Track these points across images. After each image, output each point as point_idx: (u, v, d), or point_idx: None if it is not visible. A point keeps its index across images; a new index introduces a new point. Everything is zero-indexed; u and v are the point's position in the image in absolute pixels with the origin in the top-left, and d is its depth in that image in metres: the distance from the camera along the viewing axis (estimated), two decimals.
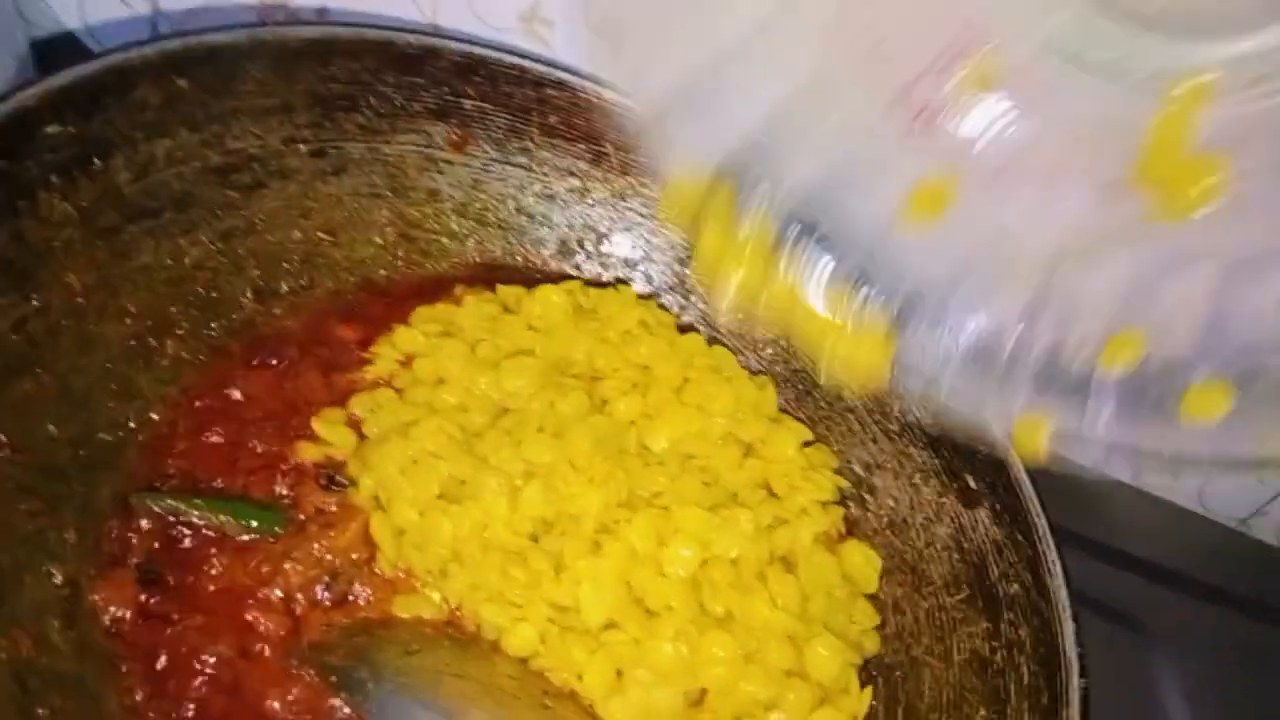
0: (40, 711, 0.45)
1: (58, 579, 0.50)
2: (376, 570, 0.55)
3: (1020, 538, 0.57)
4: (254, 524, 0.54)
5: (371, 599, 0.54)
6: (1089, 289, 0.44)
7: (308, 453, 0.57)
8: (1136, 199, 0.42)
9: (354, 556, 0.55)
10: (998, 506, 0.58)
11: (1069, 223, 0.44)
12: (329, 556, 0.54)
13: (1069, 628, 0.53)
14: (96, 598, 0.50)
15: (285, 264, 0.63)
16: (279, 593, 0.52)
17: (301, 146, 0.62)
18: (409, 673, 0.50)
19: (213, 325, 0.60)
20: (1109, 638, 0.64)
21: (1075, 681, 0.51)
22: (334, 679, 0.50)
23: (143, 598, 0.50)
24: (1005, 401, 0.45)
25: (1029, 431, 0.44)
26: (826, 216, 0.48)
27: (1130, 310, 0.43)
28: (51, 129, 0.51)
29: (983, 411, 0.46)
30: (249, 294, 0.61)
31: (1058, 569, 0.55)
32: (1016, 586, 0.56)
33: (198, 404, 0.57)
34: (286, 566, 0.52)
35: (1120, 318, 0.43)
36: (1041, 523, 0.57)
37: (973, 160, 0.45)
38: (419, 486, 0.55)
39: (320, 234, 0.64)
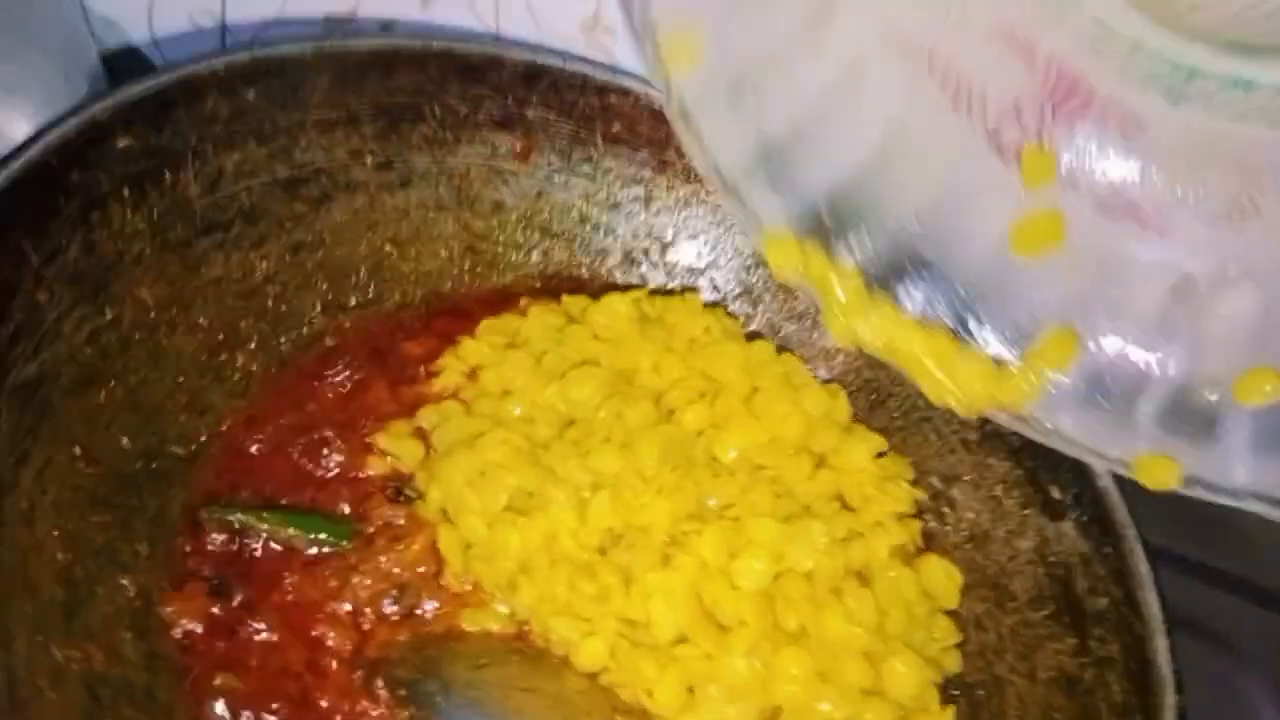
0: None
1: (130, 591, 0.50)
2: (444, 584, 0.54)
3: (1109, 550, 0.54)
4: (322, 537, 0.53)
5: (439, 613, 0.53)
6: (1215, 323, 0.42)
7: (375, 466, 0.56)
8: (1259, 227, 0.40)
9: (421, 570, 0.54)
10: (1084, 518, 0.56)
11: (1184, 255, 0.43)
12: (397, 570, 0.53)
13: (1162, 643, 0.51)
14: (167, 610, 0.50)
15: (353, 277, 0.63)
16: (347, 606, 0.52)
17: (368, 159, 0.62)
18: (479, 686, 0.50)
19: (282, 339, 0.60)
20: (1200, 658, 0.61)
21: (1171, 700, 0.49)
22: (403, 692, 0.50)
23: (213, 610, 0.50)
24: (1128, 441, 0.43)
25: (1156, 470, 0.42)
26: (934, 252, 0.47)
27: (1262, 344, 0.41)
28: (123, 142, 0.52)
29: (1104, 450, 0.44)
30: (317, 307, 0.61)
31: (1149, 582, 0.53)
32: (1105, 601, 0.54)
33: (267, 417, 0.57)
34: (354, 580, 0.52)
35: (1251, 352, 0.41)
36: (1131, 534, 0.54)
37: (1080, 192, 0.44)
38: (486, 499, 0.54)
39: (387, 247, 0.64)
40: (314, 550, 0.53)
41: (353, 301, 0.63)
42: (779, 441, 0.58)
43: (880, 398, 0.64)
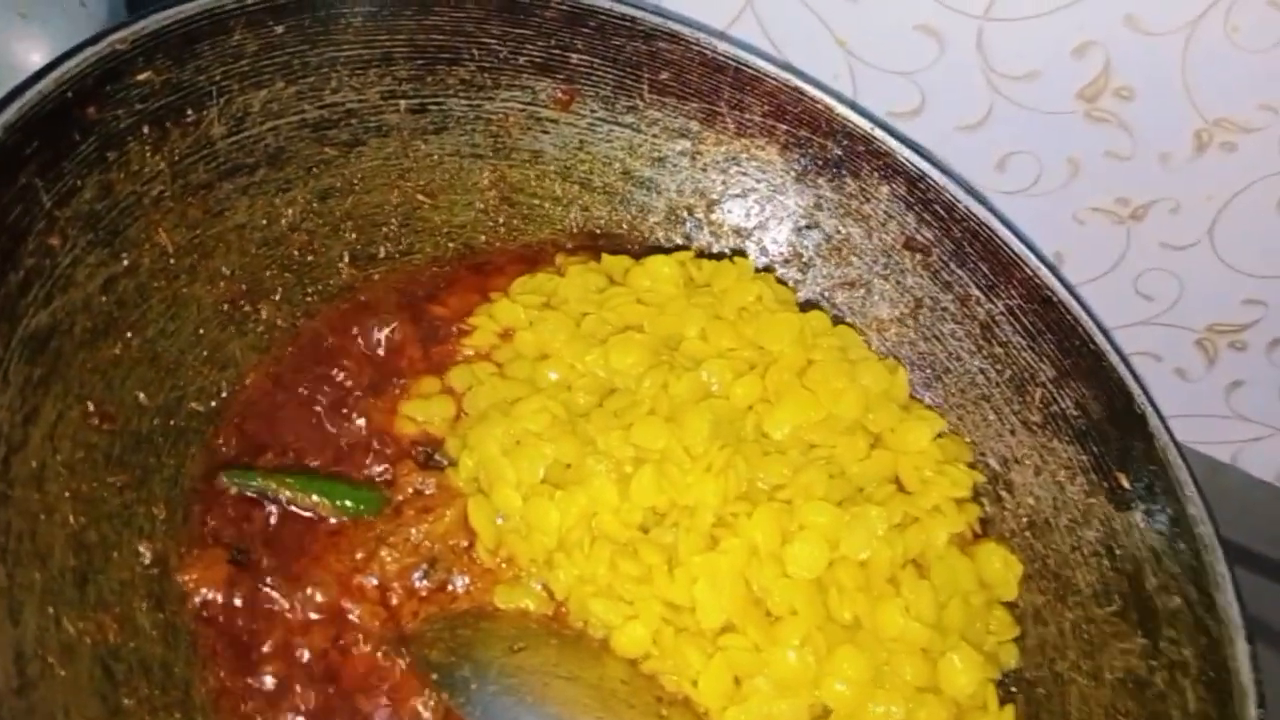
0: (127, 701, 0.43)
1: (146, 558, 0.47)
2: (476, 558, 0.51)
3: (1183, 546, 0.51)
4: (348, 505, 0.50)
5: (471, 588, 0.50)
6: None
7: (405, 427, 0.53)
8: None
9: (453, 543, 0.51)
10: (1156, 510, 0.53)
11: None
12: (427, 543, 0.50)
13: (1242, 649, 0.48)
14: (186, 578, 0.47)
15: (383, 227, 0.59)
16: (374, 580, 0.49)
17: (401, 102, 0.58)
18: (514, 673, 0.47)
19: (309, 290, 0.56)
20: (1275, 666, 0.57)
21: (1252, 713, 0.46)
22: (435, 676, 0.47)
23: (233, 580, 0.47)
24: None
25: None
26: None
27: None
28: (143, 75, 0.48)
29: None
30: (346, 258, 0.58)
31: (1227, 582, 0.50)
32: (1178, 600, 0.51)
33: (292, 374, 0.53)
34: (383, 553, 0.49)
35: None
36: (1207, 530, 0.51)
37: None
38: (523, 469, 0.51)
39: (419, 196, 0.60)
40: (339, 519, 0.50)
41: (382, 253, 0.59)
42: (834, 419, 0.54)
43: (936, 373, 0.61)
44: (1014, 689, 0.53)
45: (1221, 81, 0.60)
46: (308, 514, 0.50)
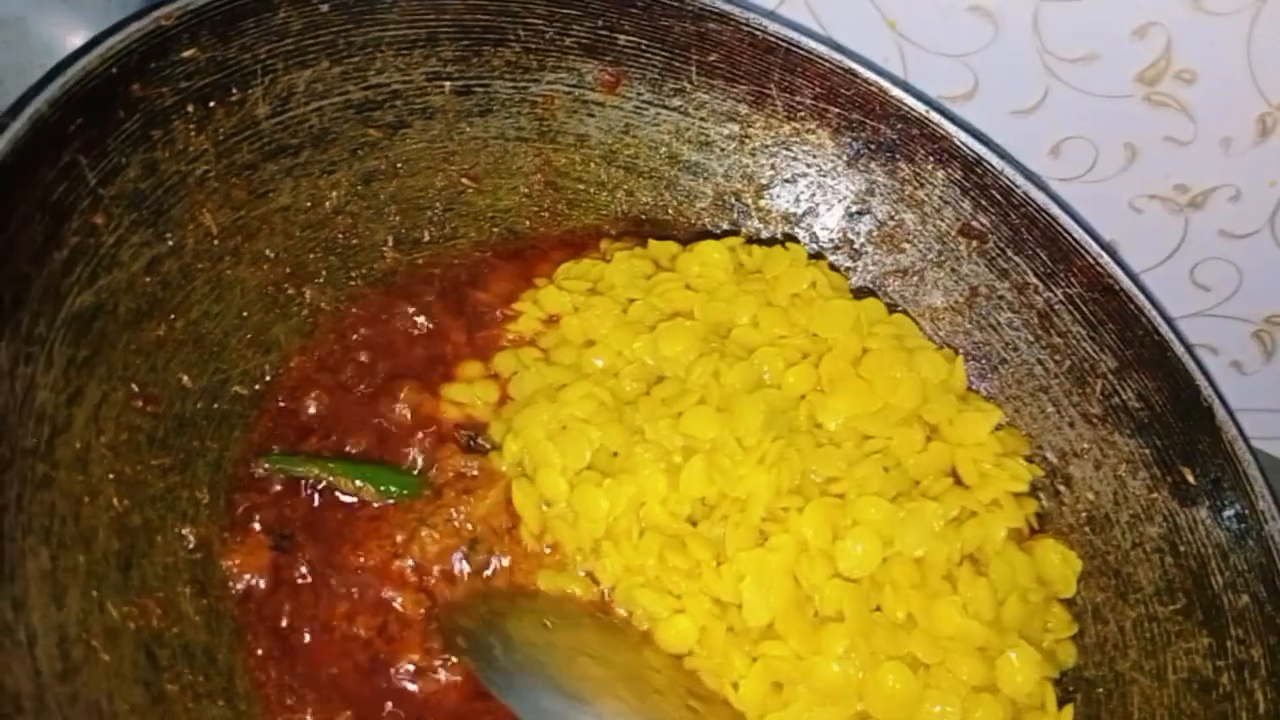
0: (170, 687, 0.42)
1: (190, 542, 0.46)
2: (519, 541, 0.50)
3: (1251, 543, 0.49)
4: (391, 489, 0.49)
5: (514, 570, 0.49)
6: None
7: (449, 411, 0.52)
8: None
9: (494, 524, 0.50)
10: (1222, 506, 0.51)
11: None
12: (469, 524, 0.49)
13: None
14: (230, 564, 0.47)
15: (428, 211, 0.58)
16: (413, 563, 0.48)
17: (446, 84, 0.57)
18: (543, 648, 0.45)
19: (353, 274, 0.56)
20: None
21: None
22: (462, 641, 0.45)
23: (276, 566, 0.47)
24: None
25: None
26: None
27: None
28: (188, 52, 0.47)
29: None
30: (390, 242, 0.57)
31: None
32: (1246, 599, 0.49)
33: (336, 358, 0.53)
34: (423, 534, 0.48)
35: None
36: (1277, 526, 0.49)
37: None
38: (569, 455, 0.50)
39: (464, 180, 0.59)
40: (381, 503, 0.49)
41: (426, 237, 0.58)
42: (890, 409, 0.53)
43: (992, 363, 0.59)
44: (1072, 688, 0.51)
45: None
46: (350, 499, 0.49)
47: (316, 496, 0.49)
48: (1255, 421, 0.74)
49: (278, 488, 0.49)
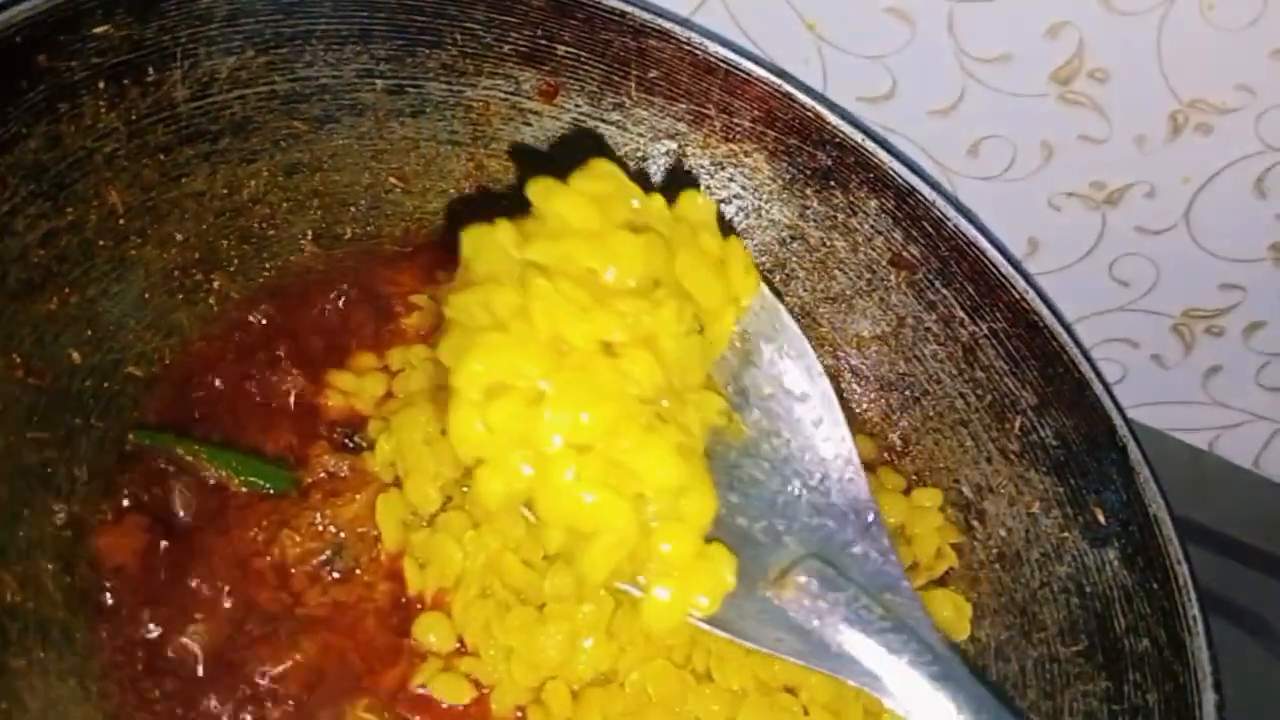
0: (16, 662, 0.41)
1: (60, 518, 0.45)
2: (383, 551, 0.48)
3: (1155, 586, 0.48)
4: (255, 480, 0.48)
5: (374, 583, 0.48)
6: None
7: (333, 399, 0.51)
8: None
9: (361, 530, 0.48)
10: (1130, 548, 0.50)
11: None
12: (332, 528, 0.48)
13: (1209, 699, 0.45)
14: (101, 544, 0.45)
15: (351, 208, 0.58)
16: (271, 561, 0.47)
17: (378, 82, 0.57)
18: None
19: (267, 265, 0.55)
20: (1237, 644, 0.54)
21: None
22: None
23: (149, 550, 0.45)
24: None
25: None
26: None
27: None
28: (101, 28, 0.47)
29: None
30: (309, 235, 0.57)
31: (1199, 628, 0.47)
32: (1147, 643, 0.48)
33: (240, 345, 0.52)
34: (283, 535, 0.47)
35: None
36: (1183, 570, 0.48)
37: None
38: (444, 463, 0.48)
39: (392, 179, 0.59)
40: (247, 491, 0.48)
41: (348, 234, 0.58)
42: None
43: (915, 394, 0.59)
44: None
45: (1197, 62, 0.58)
46: (225, 486, 0.48)
47: (195, 483, 0.48)
48: (1175, 414, 0.74)
49: (158, 471, 0.48)
